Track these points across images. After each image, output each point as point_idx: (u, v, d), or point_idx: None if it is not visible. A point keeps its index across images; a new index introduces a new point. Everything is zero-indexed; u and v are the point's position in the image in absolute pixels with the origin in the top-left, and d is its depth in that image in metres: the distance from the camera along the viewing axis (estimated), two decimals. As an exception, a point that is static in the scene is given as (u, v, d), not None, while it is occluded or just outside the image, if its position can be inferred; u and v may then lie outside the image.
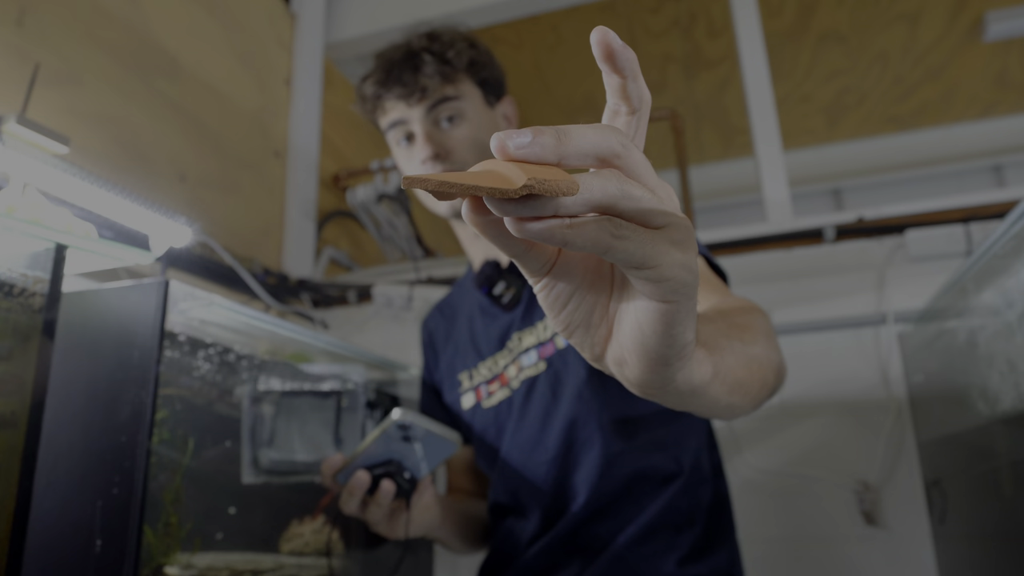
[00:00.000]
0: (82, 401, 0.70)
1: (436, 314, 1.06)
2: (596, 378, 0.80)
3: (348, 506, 0.77)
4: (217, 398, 0.89)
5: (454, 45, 0.86)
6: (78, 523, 0.67)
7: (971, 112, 2.90)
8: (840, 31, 2.37)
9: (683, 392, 0.38)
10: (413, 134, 0.86)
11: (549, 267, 0.33)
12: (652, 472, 0.80)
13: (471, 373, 0.94)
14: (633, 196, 0.29)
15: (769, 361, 0.53)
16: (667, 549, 0.79)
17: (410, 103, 0.84)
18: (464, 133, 0.85)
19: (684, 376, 0.36)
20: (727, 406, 0.47)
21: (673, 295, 0.31)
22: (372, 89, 0.87)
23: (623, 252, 0.29)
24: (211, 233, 1.42)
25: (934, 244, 1.25)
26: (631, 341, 0.33)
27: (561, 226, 0.28)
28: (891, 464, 1.21)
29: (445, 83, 0.84)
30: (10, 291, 0.67)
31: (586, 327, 0.34)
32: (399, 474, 0.76)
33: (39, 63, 1.05)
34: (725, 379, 0.44)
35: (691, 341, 0.34)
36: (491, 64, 0.90)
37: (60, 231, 0.71)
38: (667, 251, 0.30)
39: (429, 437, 0.73)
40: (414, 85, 0.83)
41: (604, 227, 0.28)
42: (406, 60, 0.85)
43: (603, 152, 0.29)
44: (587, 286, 0.34)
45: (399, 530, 0.80)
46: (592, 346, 0.35)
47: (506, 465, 0.87)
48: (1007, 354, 0.79)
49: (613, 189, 0.28)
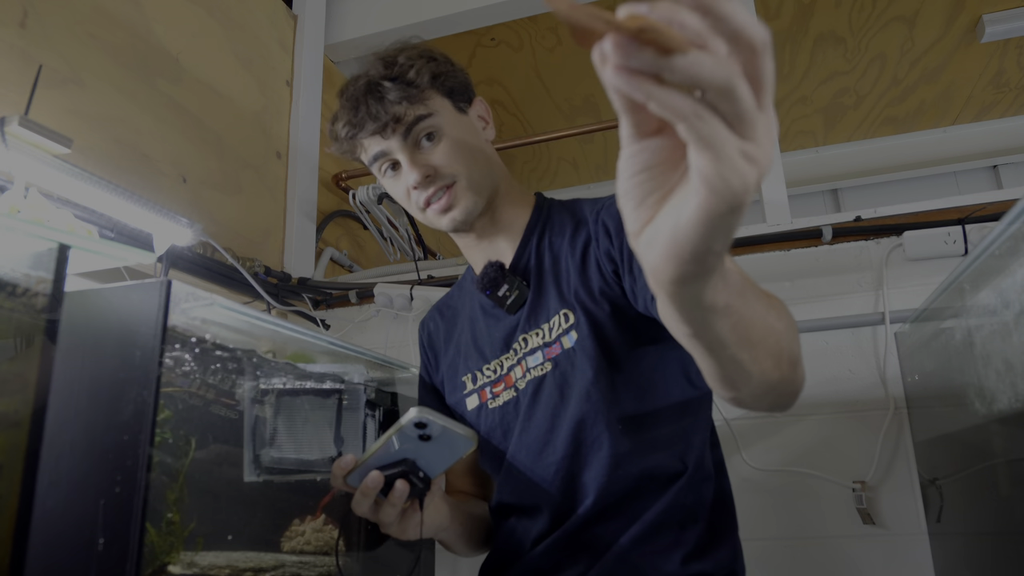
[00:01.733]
0: (85, 400, 0.71)
1: (435, 315, 1.06)
2: (603, 377, 0.80)
3: (360, 507, 0.76)
4: (219, 397, 0.89)
5: (413, 64, 0.85)
6: (81, 522, 0.67)
7: (968, 113, 2.91)
8: (838, 33, 2.37)
9: (687, 304, 0.40)
10: (397, 162, 0.86)
11: (645, 136, 0.34)
12: (658, 471, 0.81)
13: (475, 375, 0.94)
14: (735, 95, 0.29)
15: (788, 341, 0.53)
16: (672, 546, 0.79)
17: (385, 135, 0.84)
18: (446, 147, 0.85)
19: (696, 287, 0.39)
20: (732, 358, 0.48)
21: (720, 194, 0.32)
22: (345, 130, 0.86)
23: (695, 131, 0.30)
24: (212, 233, 1.43)
25: (931, 244, 1.26)
26: (666, 226, 0.35)
27: (652, 80, 0.29)
28: (888, 463, 1.22)
29: (413, 104, 0.83)
30: (13, 291, 0.67)
31: (639, 202, 0.36)
32: (413, 474, 0.75)
33: (42, 65, 1.05)
34: (736, 326, 0.45)
35: (716, 252, 0.36)
36: (453, 71, 0.89)
37: (63, 231, 0.71)
38: (734, 156, 0.31)
39: (445, 434, 0.72)
40: (385, 116, 0.82)
41: (690, 103, 0.29)
42: (369, 92, 0.84)
43: (748, 37, 0.29)
44: (660, 171, 0.35)
45: (411, 531, 0.80)
46: (634, 220, 0.37)
47: (513, 466, 0.87)
48: (1004, 353, 0.79)
49: (720, 78, 0.29)
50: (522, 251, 0.91)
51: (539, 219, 0.92)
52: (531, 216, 0.93)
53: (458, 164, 0.85)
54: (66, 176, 0.98)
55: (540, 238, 0.91)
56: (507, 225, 0.92)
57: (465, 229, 0.90)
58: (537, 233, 0.91)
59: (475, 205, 0.87)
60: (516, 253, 0.91)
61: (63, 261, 0.70)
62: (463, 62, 2.59)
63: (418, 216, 0.89)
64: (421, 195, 0.85)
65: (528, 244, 0.91)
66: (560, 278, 0.87)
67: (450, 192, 0.85)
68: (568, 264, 0.86)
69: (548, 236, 0.91)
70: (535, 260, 0.90)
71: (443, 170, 0.84)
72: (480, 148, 0.88)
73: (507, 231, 0.92)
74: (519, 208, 0.93)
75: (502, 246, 0.92)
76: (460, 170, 0.85)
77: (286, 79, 1.80)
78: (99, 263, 0.81)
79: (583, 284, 0.84)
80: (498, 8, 1.82)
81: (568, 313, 0.84)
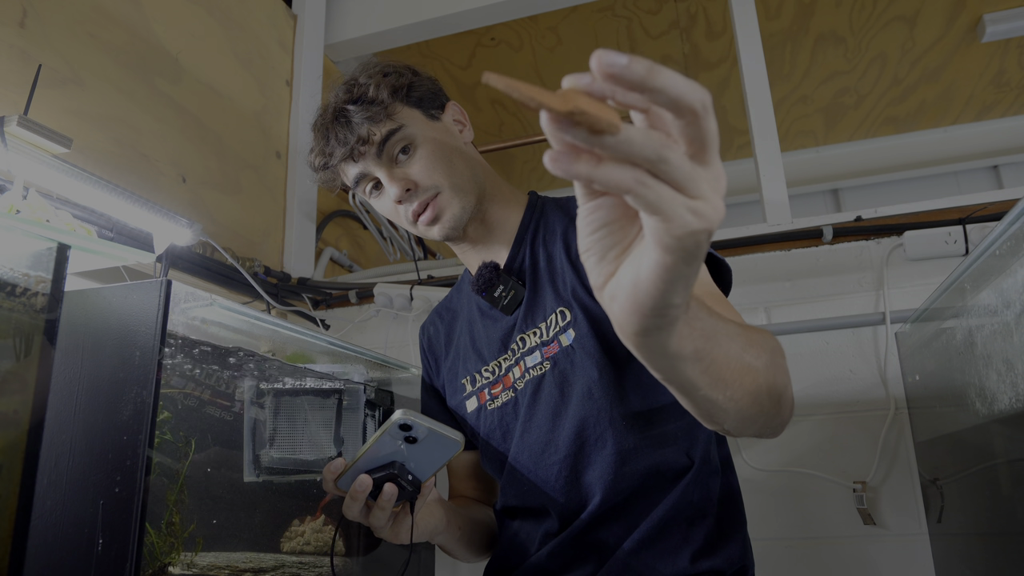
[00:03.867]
0: (84, 400, 0.71)
1: (435, 319, 1.05)
2: (607, 375, 0.80)
3: (351, 511, 0.76)
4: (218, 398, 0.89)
5: (372, 81, 0.85)
6: (80, 522, 0.67)
7: (969, 113, 2.91)
8: (838, 32, 2.37)
9: (655, 352, 0.42)
10: (378, 179, 0.86)
11: (598, 195, 0.36)
12: (665, 467, 0.80)
13: (474, 377, 0.94)
14: (669, 164, 0.31)
15: (768, 378, 0.54)
16: (681, 544, 0.79)
17: (356, 157, 0.84)
18: (421, 158, 0.85)
19: (660, 338, 0.41)
20: (705, 398, 0.49)
21: (674, 251, 0.34)
22: (319, 161, 0.87)
23: (641, 200, 0.32)
24: (212, 233, 1.43)
25: (932, 244, 1.26)
26: (627, 282, 0.37)
27: (590, 160, 0.30)
28: (889, 463, 1.22)
29: (380, 122, 0.84)
30: (13, 291, 0.67)
31: (600, 257, 0.38)
32: (402, 476, 0.75)
33: (41, 64, 1.05)
34: (708, 369, 0.46)
35: (677, 305, 0.38)
36: (418, 81, 0.89)
37: (62, 231, 0.71)
38: (682, 215, 0.32)
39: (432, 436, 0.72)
40: (352, 140, 0.83)
41: (630, 175, 0.31)
42: (335, 120, 0.85)
43: (686, 102, 0.30)
44: (618, 227, 0.37)
45: (403, 535, 0.79)
46: (597, 275, 0.39)
47: (515, 467, 0.87)
48: (1004, 353, 0.79)
49: (650, 152, 0.30)
50: (516, 251, 0.90)
51: (532, 218, 0.92)
52: (524, 215, 0.92)
53: (437, 173, 0.85)
54: (65, 176, 0.98)
55: (534, 237, 0.90)
56: (499, 226, 0.92)
57: (457, 236, 0.89)
58: (531, 232, 0.91)
59: (463, 211, 0.86)
60: (510, 253, 0.91)
61: (62, 261, 0.70)
62: (463, 62, 2.60)
63: (410, 229, 0.89)
64: (408, 208, 0.86)
65: (522, 244, 0.90)
66: (556, 276, 0.87)
67: (435, 203, 0.85)
68: (563, 262, 0.86)
69: (542, 235, 0.90)
70: (530, 260, 0.90)
71: (423, 182, 0.84)
72: (459, 151, 0.88)
73: (500, 232, 0.92)
74: (510, 208, 0.93)
75: (497, 248, 0.92)
76: (441, 180, 0.85)
77: (286, 79, 1.80)
78: (98, 263, 0.81)
79: (580, 282, 0.83)
80: (498, 8, 1.82)
81: (564, 311, 0.84)
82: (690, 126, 0.31)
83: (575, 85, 0.30)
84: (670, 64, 2.52)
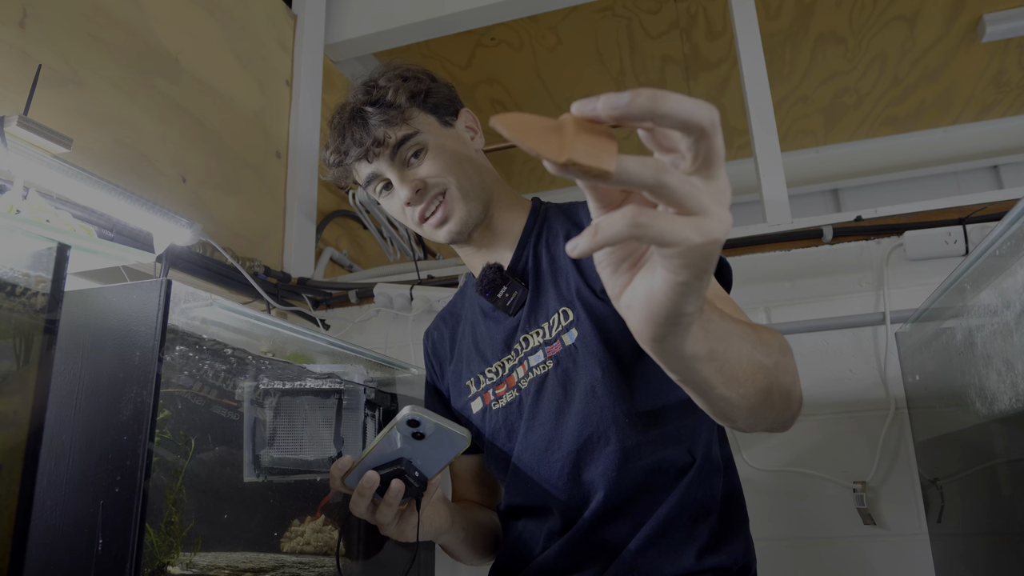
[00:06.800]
0: (84, 400, 0.71)
1: (439, 323, 1.06)
2: (611, 373, 0.81)
3: (357, 508, 0.77)
4: (218, 398, 0.89)
5: (391, 85, 0.87)
6: (80, 522, 0.67)
7: (969, 113, 2.91)
8: (838, 32, 2.37)
9: (672, 355, 0.43)
10: (389, 181, 0.88)
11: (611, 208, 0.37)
12: (667, 464, 0.81)
13: (478, 378, 0.95)
14: (668, 189, 0.32)
15: (777, 376, 0.55)
16: (686, 541, 0.79)
17: (370, 158, 0.86)
18: (433, 163, 0.86)
19: (676, 342, 0.42)
20: (720, 396, 0.50)
21: (683, 270, 0.35)
22: (334, 158, 0.90)
23: (644, 239, 0.32)
24: (212, 233, 1.43)
25: (932, 244, 1.26)
26: (641, 293, 0.39)
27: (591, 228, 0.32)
28: (889, 463, 1.22)
29: (396, 126, 0.86)
30: (12, 291, 0.67)
31: (614, 269, 0.40)
32: (409, 473, 0.75)
33: (41, 64, 1.05)
34: (722, 368, 0.48)
35: (690, 313, 0.39)
36: (435, 87, 0.91)
37: (62, 231, 0.71)
38: (689, 237, 0.33)
39: (439, 432, 0.72)
40: (368, 141, 0.85)
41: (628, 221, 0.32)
42: (352, 120, 0.87)
43: (697, 123, 0.31)
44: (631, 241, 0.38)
45: (409, 532, 0.80)
46: (612, 286, 0.40)
47: (520, 466, 0.87)
48: (1004, 353, 0.79)
49: (648, 181, 0.31)
50: (520, 254, 0.91)
51: (535, 223, 0.93)
52: (527, 220, 0.94)
53: (447, 173, 0.86)
54: (65, 176, 0.98)
55: (537, 241, 0.92)
56: (504, 232, 0.93)
57: (463, 240, 0.90)
58: (534, 236, 0.92)
59: (469, 214, 0.88)
60: (514, 255, 0.92)
61: (62, 261, 0.70)
62: (463, 62, 2.60)
63: (417, 231, 0.91)
64: (416, 210, 0.87)
65: (526, 247, 0.91)
66: (559, 277, 0.87)
67: (444, 204, 0.87)
68: (566, 263, 0.87)
69: (545, 239, 0.91)
70: (533, 261, 0.90)
71: (432, 180, 0.86)
72: (469, 157, 0.90)
73: (504, 237, 0.93)
74: (515, 214, 0.94)
75: (501, 251, 0.93)
76: (450, 179, 0.86)
77: (286, 79, 1.80)
78: (98, 263, 0.81)
79: (584, 282, 0.84)
80: (498, 8, 1.82)
81: (567, 310, 0.84)
82: (698, 143, 0.32)
83: (581, 112, 0.31)
84: (670, 64, 2.53)
